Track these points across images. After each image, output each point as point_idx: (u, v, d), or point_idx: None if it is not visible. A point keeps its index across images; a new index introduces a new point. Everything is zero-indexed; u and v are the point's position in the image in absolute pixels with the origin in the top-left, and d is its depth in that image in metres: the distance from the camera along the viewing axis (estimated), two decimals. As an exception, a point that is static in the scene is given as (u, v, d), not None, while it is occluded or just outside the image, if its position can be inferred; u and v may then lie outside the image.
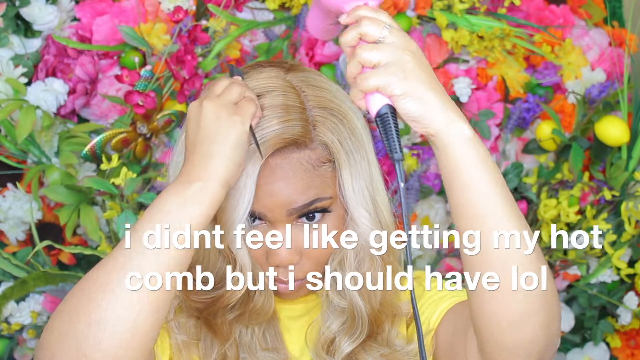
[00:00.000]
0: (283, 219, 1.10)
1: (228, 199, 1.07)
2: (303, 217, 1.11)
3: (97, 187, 1.63)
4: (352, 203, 1.13)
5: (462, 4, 1.90)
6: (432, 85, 0.97)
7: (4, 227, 1.82)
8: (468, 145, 0.97)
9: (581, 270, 1.98)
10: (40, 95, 1.74)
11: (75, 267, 1.85)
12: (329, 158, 1.12)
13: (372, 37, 0.97)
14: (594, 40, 2.01)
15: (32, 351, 1.85)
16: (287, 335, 1.21)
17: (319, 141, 1.11)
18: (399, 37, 0.97)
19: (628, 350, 2.08)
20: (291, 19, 1.87)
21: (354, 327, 1.17)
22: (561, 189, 1.93)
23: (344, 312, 1.17)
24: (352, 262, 1.15)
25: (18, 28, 1.80)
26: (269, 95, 1.10)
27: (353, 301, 1.16)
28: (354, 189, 1.13)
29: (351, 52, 0.99)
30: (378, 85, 0.96)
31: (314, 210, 1.11)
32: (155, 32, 1.79)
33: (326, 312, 1.18)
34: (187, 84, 1.70)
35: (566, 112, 1.98)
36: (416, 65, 0.96)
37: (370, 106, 0.99)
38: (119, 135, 1.68)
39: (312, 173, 1.10)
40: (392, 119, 0.98)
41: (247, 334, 1.18)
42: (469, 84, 1.91)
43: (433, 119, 0.96)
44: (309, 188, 1.10)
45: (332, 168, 1.12)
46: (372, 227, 1.13)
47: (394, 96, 0.96)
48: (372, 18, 0.98)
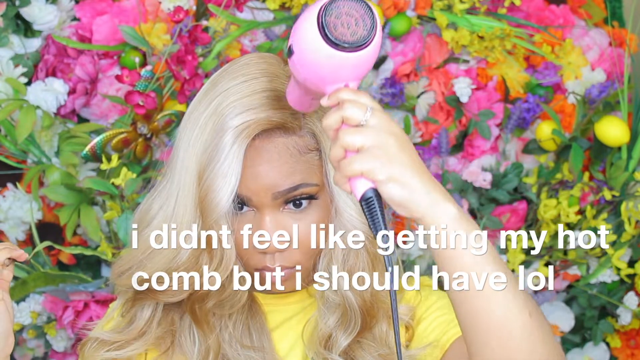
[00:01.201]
0: (269, 202, 1.11)
1: (211, 183, 1.09)
2: (290, 204, 1.12)
3: (97, 188, 1.63)
4: (337, 191, 1.14)
5: (462, 4, 1.90)
6: (416, 169, 0.95)
7: (4, 227, 1.82)
8: (454, 225, 0.95)
9: (581, 270, 1.98)
10: (40, 95, 1.74)
11: (76, 268, 1.85)
12: (316, 147, 1.13)
13: (354, 121, 0.95)
14: (594, 40, 2.01)
15: (32, 351, 1.85)
16: (275, 334, 1.21)
17: (308, 129, 1.12)
18: (381, 119, 0.95)
19: (628, 350, 2.08)
20: (291, 19, 1.87)
21: (347, 321, 1.17)
22: (561, 189, 1.93)
23: (338, 308, 1.18)
24: (339, 256, 1.16)
25: (18, 28, 1.79)
26: (264, 78, 1.12)
27: (344, 295, 1.16)
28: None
29: (334, 135, 0.96)
30: (362, 170, 0.94)
31: (299, 196, 1.12)
32: (156, 32, 1.79)
33: (322, 309, 1.18)
34: (187, 84, 1.70)
35: (566, 112, 1.98)
36: (399, 149, 0.95)
37: (355, 190, 0.96)
38: (119, 135, 1.68)
39: (298, 158, 1.11)
40: (377, 203, 0.96)
41: (231, 330, 1.18)
42: (469, 84, 1.91)
43: (418, 203, 0.95)
44: (294, 172, 1.11)
45: (318, 157, 1.13)
46: (357, 217, 1.14)
47: (377, 181, 0.94)
48: (354, 101, 0.95)
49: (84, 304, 1.72)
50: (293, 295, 1.21)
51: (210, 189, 1.09)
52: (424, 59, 1.94)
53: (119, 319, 1.19)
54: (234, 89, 1.12)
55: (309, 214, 1.13)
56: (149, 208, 1.16)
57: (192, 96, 1.74)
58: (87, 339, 1.19)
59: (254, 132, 1.09)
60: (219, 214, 1.10)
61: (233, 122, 1.09)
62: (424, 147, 1.93)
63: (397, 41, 1.92)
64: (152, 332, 1.16)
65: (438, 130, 1.93)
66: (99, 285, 1.74)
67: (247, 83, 1.13)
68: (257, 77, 1.13)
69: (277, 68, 1.14)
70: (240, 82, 1.13)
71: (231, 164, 1.08)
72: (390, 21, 1.89)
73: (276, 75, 1.13)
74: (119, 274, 1.15)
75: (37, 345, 1.84)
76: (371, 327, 1.19)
